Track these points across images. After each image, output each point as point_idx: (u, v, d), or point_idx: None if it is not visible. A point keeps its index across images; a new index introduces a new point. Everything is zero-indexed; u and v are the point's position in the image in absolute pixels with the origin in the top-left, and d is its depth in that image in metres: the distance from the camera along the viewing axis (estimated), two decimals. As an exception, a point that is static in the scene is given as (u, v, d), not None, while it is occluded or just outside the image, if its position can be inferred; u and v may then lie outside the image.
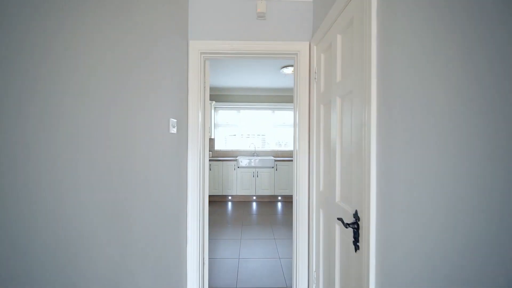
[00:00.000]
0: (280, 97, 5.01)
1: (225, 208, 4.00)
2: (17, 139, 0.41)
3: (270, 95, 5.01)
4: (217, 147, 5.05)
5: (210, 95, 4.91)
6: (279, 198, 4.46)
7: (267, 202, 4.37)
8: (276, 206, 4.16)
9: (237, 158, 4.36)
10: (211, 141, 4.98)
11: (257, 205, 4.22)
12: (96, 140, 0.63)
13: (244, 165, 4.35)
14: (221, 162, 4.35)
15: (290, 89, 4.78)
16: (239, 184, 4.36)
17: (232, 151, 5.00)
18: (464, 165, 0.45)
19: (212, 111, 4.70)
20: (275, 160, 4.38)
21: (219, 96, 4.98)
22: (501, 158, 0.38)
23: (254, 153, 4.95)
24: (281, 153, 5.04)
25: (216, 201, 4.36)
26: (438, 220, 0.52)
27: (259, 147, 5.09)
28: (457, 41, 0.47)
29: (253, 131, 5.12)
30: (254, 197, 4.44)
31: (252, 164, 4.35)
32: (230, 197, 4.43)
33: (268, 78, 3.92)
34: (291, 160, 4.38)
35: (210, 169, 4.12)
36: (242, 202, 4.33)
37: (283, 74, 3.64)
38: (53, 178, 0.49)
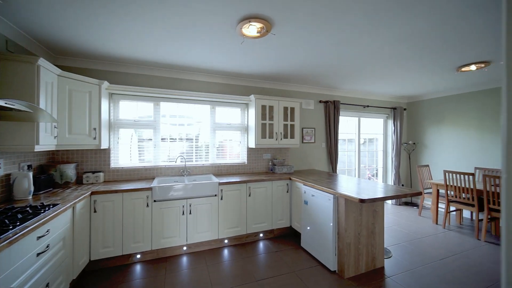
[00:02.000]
0: (228, 87, 3.44)
1: (125, 281, 2.05)
2: None
3: (212, 81, 3.35)
4: (121, 163, 2.94)
5: (101, 71, 2.80)
6: (226, 242, 2.85)
7: (207, 252, 2.67)
8: (222, 255, 2.54)
9: (151, 186, 2.46)
10: (103, 153, 2.82)
11: (190, 261, 2.47)
12: None
13: (164, 196, 2.50)
14: (121, 194, 2.34)
15: (251, 75, 3.27)
16: (156, 230, 2.47)
17: (145, 170, 3.01)
18: None
19: (105, 100, 2.60)
20: (220, 183, 2.75)
21: (119, 75, 2.90)
22: None
23: (183, 172, 3.14)
24: (227, 168, 3.44)
25: (108, 269, 2.31)
26: None
27: (191, 161, 3.31)
28: None
29: (182, 135, 3.30)
30: (185, 248, 2.65)
31: (181, 193, 2.56)
32: (138, 256, 2.46)
33: (212, 49, 2.30)
34: (249, 182, 2.87)
35: (95, 211, 2.09)
36: (161, 261, 2.47)
37: (240, 38, 2.09)
38: None
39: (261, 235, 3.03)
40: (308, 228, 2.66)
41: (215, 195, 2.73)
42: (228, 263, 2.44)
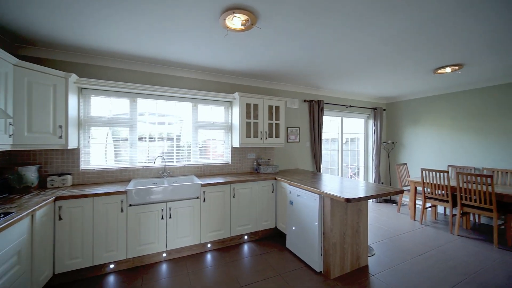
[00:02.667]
0: (211, 84, 3.29)
1: (95, 301, 1.86)
2: None
3: (194, 78, 3.19)
4: (92, 164, 2.68)
5: (70, 63, 2.52)
6: (209, 246, 2.72)
7: (188, 258, 2.53)
8: (204, 261, 2.41)
9: (126, 189, 2.26)
10: (71, 154, 2.56)
11: (169, 268, 2.31)
12: None
13: (141, 200, 2.31)
14: (91, 198, 2.12)
15: (235, 72, 3.14)
16: (131, 237, 2.28)
17: (120, 172, 2.78)
18: None
19: (73, 95, 2.34)
20: (202, 185, 2.62)
21: (91, 68, 2.65)
22: None
23: (162, 173, 2.95)
24: (210, 169, 3.30)
25: (76, 282, 2.08)
26: None
27: (172, 162, 3.13)
28: None
29: (162, 135, 3.10)
30: (164, 255, 2.48)
31: (160, 196, 2.39)
32: (112, 266, 2.25)
33: (194, 42, 2.16)
34: (233, 183, 2.77)
35: (60, 218, 1.87)
36: (138, 270, 2.28)
37: (223, 30, 1.97)
38: None
39: (245, 237, 2.94)
40: (294, 228, 2.61)
41: (197, 197, 2.59)
42: (211, 269, 2.32)
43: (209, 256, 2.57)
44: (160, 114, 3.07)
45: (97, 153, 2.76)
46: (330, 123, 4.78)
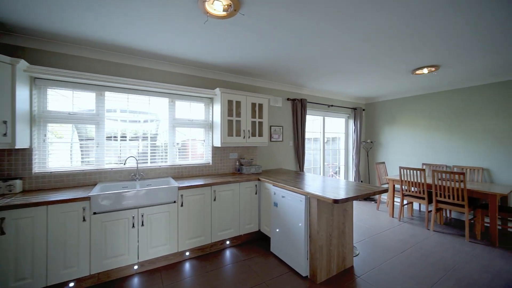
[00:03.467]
0: (190, 78, 3.05)
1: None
2: None
3: (171, 71, 2.92)
4: (50, 166, 2.31)
5: (20, 48, 2.10)
6: (187, 254, 2.50)
7: (164, 269, 2.29)
8: (182, 271, 2.19)
9: (90, 195, 1.97)
10: (21, 155, 2.19)
11: (142, 282, 2.06)
12: None
13: (108, 206, 2.03)
14: (44, 207, 1.80)
15: (216, 66, 2.93)
16: (96, 249, 1.99)
17: (84, 175, 2.45)
18: None
19: (23, 85, 1.98)
20: (179, 188, 2.39)
21: (47, 55, 2.28)
22: None
23: (135, 175, 2.67)
24: (189, 170, 3.06)
25: (25, 307, 1.75)
26: None
27: (146, 163, 2.85)
28: None
29: (137, 133, 2.80)
30: (136, 267, 2.21)
31: (130, 201, 2.12)
32: (72, 284, 1.94)
33: (170, 29, 1.93)
34: (214, 184, 2.57)
35: (2, 233, 1.56)
36: (104, 287, 2.00)
37: (203, 16, 1.78)
38: None
39: (227, 242, 2.76)
40: (278, 231, 2.50)
41: (174, 202, 2.36)
42: (189, 280, 2.11)
43: (187, 265, 2.35)
44: (132, 111, 2.77)
45: (59, 154, 2.39)
46: (313, 123, 4.77)
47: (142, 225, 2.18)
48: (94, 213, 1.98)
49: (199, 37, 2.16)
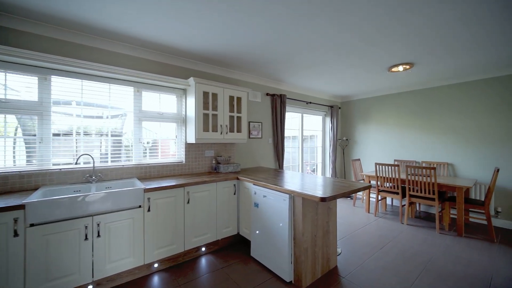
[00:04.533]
0: (160, 66, 2.68)
1: None
2: None
3: (138, 57, 2.53)
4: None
5: None
6: (156, 266, 2.17)
7: (127, 286, 1.94)
8: (149, 287, 1.88)
9: (24, 202, 1.55)
10: None
11: (99, 305, 1.70)
12: None
13: (51, 215, 1.64)
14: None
15: (189, 53, 2.59)
16: (34, 270, 1.58)
17: (20, 178, 1.97)
18: None
19: None
20: (145, 190, 2.05)
21: (-38, 24, 1.78)
22: None
23: (90, 177, 2.25)
24: (158, 170, 2.71)
25: None
26: None
27: (105, 162, 2.44)
28: None
29: (92, 129, 2.37)
30: (90, 287, 1.83)
31: (82, 208, 1.74)
32: (-2, 317, 1.51)
33: (142, 4, 1.60)
34: (188, 185, 2.28)
35: None
36: (48, 317, 1.60)
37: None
38: None
39: (203, 249, 2.49)
40: (259, 234, 2.30)
41: (139, 206, 2.02)
42: (158, 298, 1.81)
43: (156, 280, 2.03)
44: (87, 103, 2.34)
45: (-19, 152, 1.89)
46: (292, 121, 4.69)
47: (98, 236, 1.81)
48: (32, 225, 1.57)
49: (168, 14, 1.86)
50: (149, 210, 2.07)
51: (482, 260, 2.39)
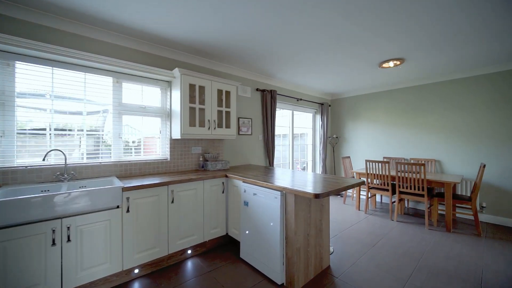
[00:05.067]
0: (143, 56, 2.48)
1: None
2: None
3: (118, 44, 2.32)
4: None
5: None
6: (136, 272, 1.99)
7: (102, 296, 1.75)
8: (128, 300, 1.70)
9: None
10: None
11: (69, 318, 1.51)
12: None
13: (10, 219, 1.43)
14: None
15: (175, 43, 2.40)
16: (-11, 282, 1.37)
17: (-24, 175, 1.73)
18: None
19: None
20: (124, 189, 1.87)
21: None
22: None
23: (61, 175, 2.03)
24: (140, 167, 2.51)
25: None
26: None
27: (79, 158, 2.22)
28: None
29: (68, 124, 2.14)
30: (59, 298, 1.63)
31: (49, 210, 1.54)
32: None
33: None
34: (172, 183, 2.11)
35: None
36: (7, 335, 1.39)
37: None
38: None
39: (189, 252, 2.33)
40: (249, 234, 2.18)
41: (117, 207, 1.84)
42: (137, 307, 1.63)
43: (136, 286, 1.86)
44: (57, 95, 2.11)
45: None
46: (282, 119, 4.60)
47: (68, 240, 1.61)
48: (-15, 230, 1.36)
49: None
50: (128, 210, 1.88)
51: (471, 256, 2.39)
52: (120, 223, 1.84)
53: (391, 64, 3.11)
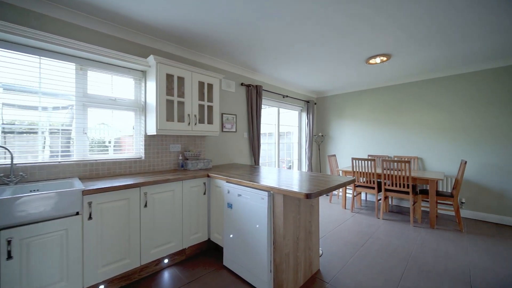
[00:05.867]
0: (114, 41, 2.17)
1: None
2: None
3: (84, 27, 1.99)
4: None
5: None
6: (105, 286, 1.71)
7: (56, 321, 1.46)
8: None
9: None
10: None
11: None
12: None
13: None
14: None
15: (150, 27, 2.12)
16: None
17: None
18: None
19: None
20: (85, 192, 1.59)
21: None
22: None
23: (7, 177, 1.69)
24: (109, 167, 2.21)
25: None
26: None
27: (34, 157, 1.89)
28: None
29: (22, 121, 1.80)
30: (-2, 328, 1.32)
31: (-16, 220, 1.23)
32: None
33: None
34: (144, 185, 1.85)
35: None
36: None
37: None
38: None
39: (166, 261, 2.08)
40: (234, 240, 1.98)
41: (77, 213, 1.55)
42: (99, 333, 1.37)
43: (100, 306, 1.59)
44: (6, 85, 1.76)
45: None
46: (268, 117, 4.44)
47: (9, 257, 1.31)
48: None
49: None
50: (90, 217, 1.60)
51: (457, 252, 2.39)
52: (80, 232, 1.56)
53: (377, 60, 3.07)
